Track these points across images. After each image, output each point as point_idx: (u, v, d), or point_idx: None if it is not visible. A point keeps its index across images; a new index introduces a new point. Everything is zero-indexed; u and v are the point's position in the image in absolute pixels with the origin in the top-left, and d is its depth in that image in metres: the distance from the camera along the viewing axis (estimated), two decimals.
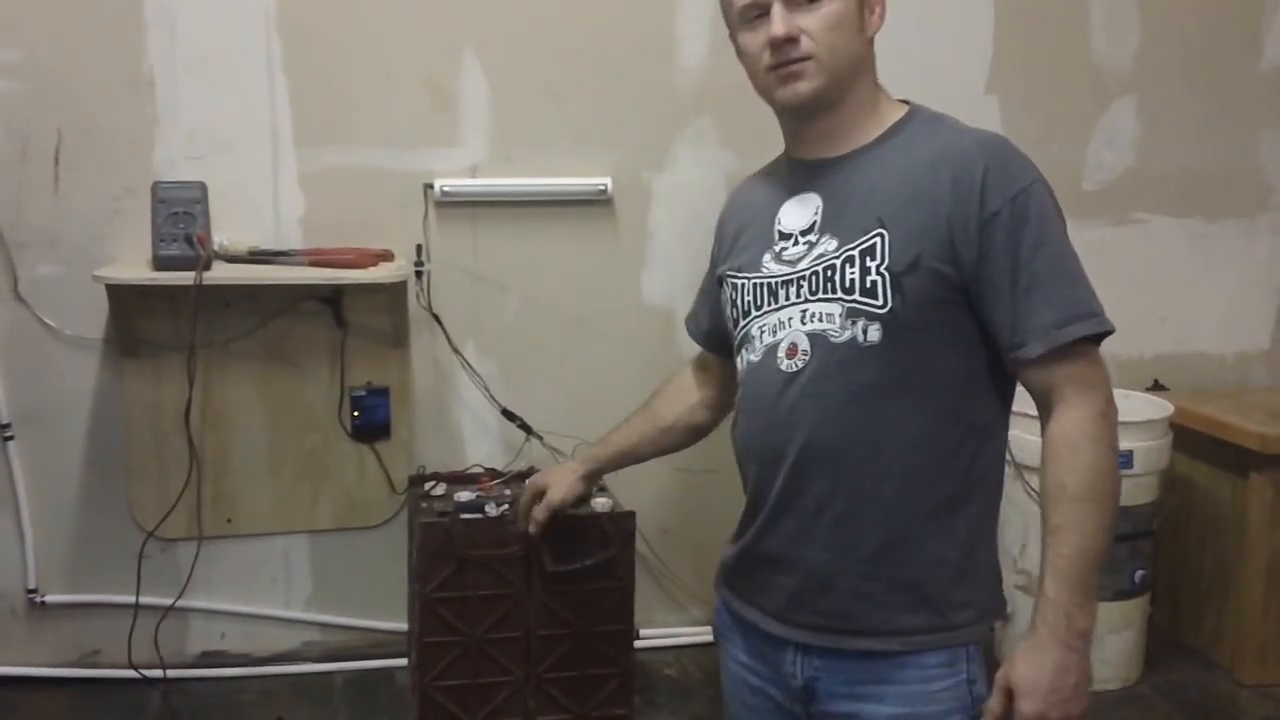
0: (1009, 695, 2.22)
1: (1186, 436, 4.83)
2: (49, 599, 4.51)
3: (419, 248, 4.53)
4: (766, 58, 2.37)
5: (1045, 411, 2.30)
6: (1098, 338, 2.28)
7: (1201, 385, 5.27)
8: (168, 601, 4.40)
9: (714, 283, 2.73)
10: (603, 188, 4.67)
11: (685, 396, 2.97)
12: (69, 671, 4.51)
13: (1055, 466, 2.24)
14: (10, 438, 4.40)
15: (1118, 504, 2.26)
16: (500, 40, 4.55)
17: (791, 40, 2.32)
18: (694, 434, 3.01)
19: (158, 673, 4.31)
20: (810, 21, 2.33)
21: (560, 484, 3.17)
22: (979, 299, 2.28)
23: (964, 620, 2.39)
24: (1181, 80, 5.14)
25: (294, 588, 4.71)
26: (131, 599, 4.34)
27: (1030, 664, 2.20)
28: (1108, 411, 2.26)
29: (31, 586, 4.49)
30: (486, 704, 4.14)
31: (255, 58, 4.39)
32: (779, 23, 2.33)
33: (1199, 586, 4.97)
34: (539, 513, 3.18)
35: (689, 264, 4.62)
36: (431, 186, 4.53)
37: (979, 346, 2.33)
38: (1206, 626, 4.94)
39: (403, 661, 4.58)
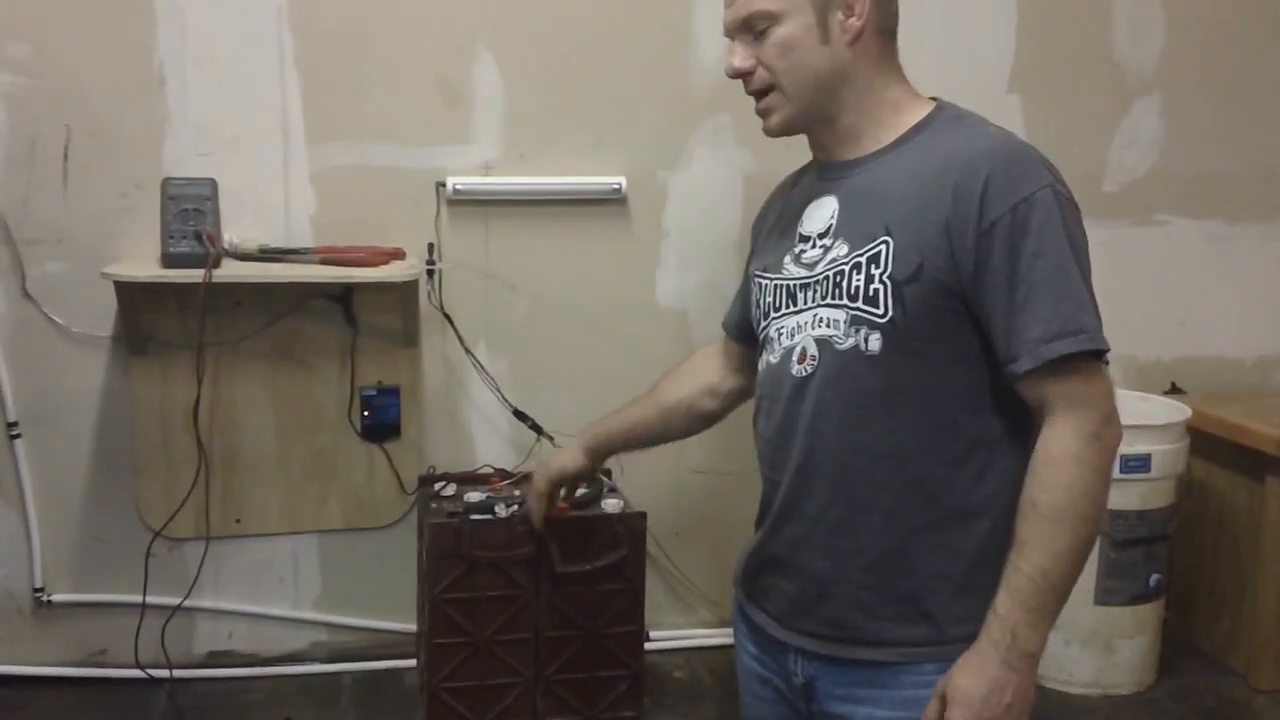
0: (944, 702, 2.17)
1: (1204, 440, 4.71)
2: (55, 598, 4.41)
3: (430, 246, 4.44)
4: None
5: (1039, 425, 2.21)
6: (1095, 355, 2.17)
7: (1219, 389, 5.14)
8: (175, 601, 4.32)
9: (746, 280, 2.69)
10: (617, 187, 4.56)
11: (692, 381, 2.90)
12: (75, 671, 4.42)
13: (1031, 482, 2.16)
14: (18, 436, 4.31)
15: (1094, 529, 2.16)
16: (514, 37, 4.45)
17: (745, 75, 2.36)
18: (697, 421, 2.92)
19: (165, 673, 4.24)
20: (764, 51, 2.34)
21: (561, 456, 3.14)
22: (978, 310, 2.19)
23: (962, 635, 2.26)
24: (1204, 81, 5.02)
25: (302, 588, 4.61)
26: (138, 598, 4.27)
27: (966, 675, 2.15)
28: (1100, 433, 2.15)
29: (38, 585, 4.40)
30: (495, 705, 4.09)
31: (266, 54, 4.29)
32: (732, 59, 2.37)
33: (1214, 591, 4.84)
34: (539, 482, 3.16)
35: (704, 264, 4.65)
36: (444, 184, 4.43)
37: (982, 358, 2.24)
38: (1221, 632, 4.81)
39: (412, 662, 4.52)
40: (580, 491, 4.10)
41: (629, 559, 4.08)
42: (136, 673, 4.28)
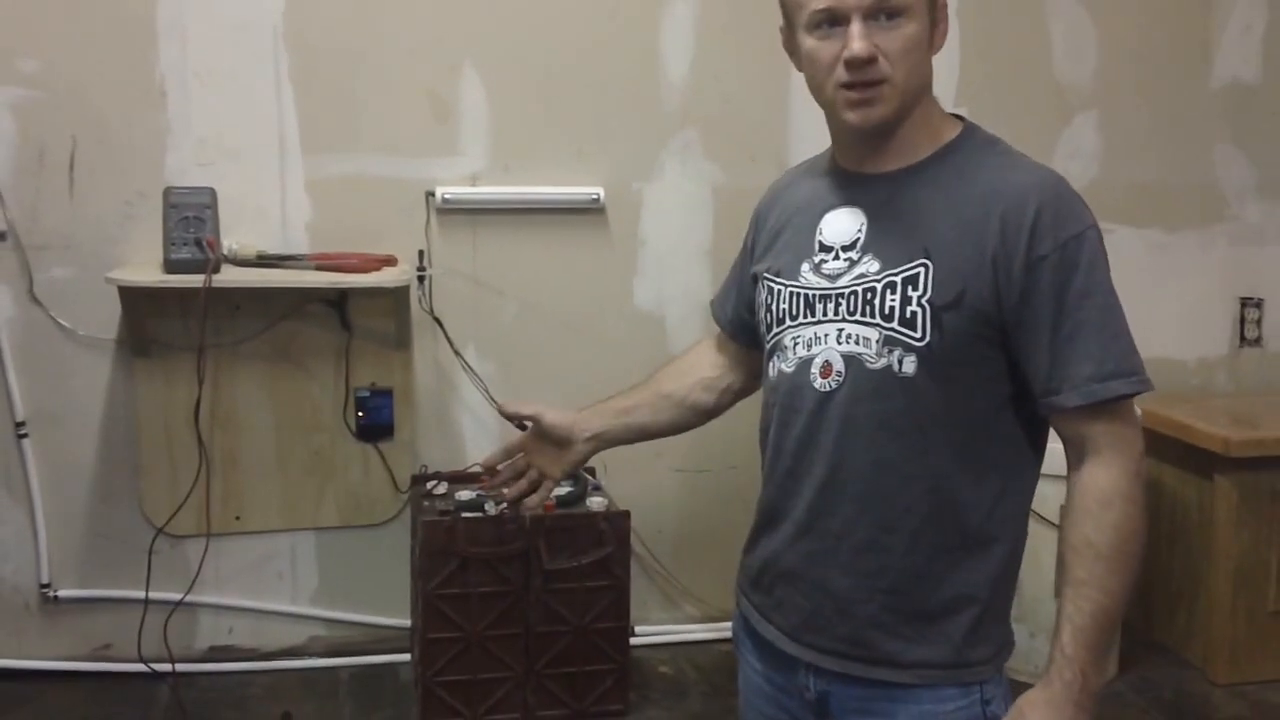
0: None
1: (1153, 440, 4.65)
2: (61, 594, 4.44)
3: (421, 253, 4.50)
4: (840, 73, 2.15)
5: (1076, 460, 2.16)
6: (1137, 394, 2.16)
7: (1165, 389, 5.12)
8: (177, 597, 4.33)
9: (746, 274, 2.57)
10: (596, 197, 4.64)
11: (690, 372, 2.75)
12: (81, 665, 4.45)
13: (1084, 521, 2.11)
14: (25, 435, 4.34)
15: (1140, 566, 2.13)
16: (498, 55, 4.53)
17: (871, 62, 2.11)
18: (691, 413, 2.74)
19: (167, 667, 4.23)
20: (889, 42, 2.11)
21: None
22: (1016, 339, 2.14)
23: (981, 657, 2.24)
24: (1139, 97, 5.14)
25: (300, 584, 4.64)
26: (142, 594, 4.27)
27: (1043, 718, 2.09)
28: (1140, 470, 2.13)
29: (44, 581, 4.42)
30: (487, 698, 4.13)
31: (264, 69, 4.36)
32: (860, 42, 2.10)
33: (1169, 587, 4.93)
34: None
35: (679, 272, 4.74)
36: (433, 194, 4.50)
37: (1006, 381, 2.19)
38: (1178, 626, 4.90)
39: (406, 657, 4.54)
40: (565, 490, 4.20)
41: (614, 556, 4.13)
42: (140, 667, 4.29)
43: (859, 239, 2.23)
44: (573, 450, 2.65)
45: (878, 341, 2.16)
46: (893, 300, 2.15)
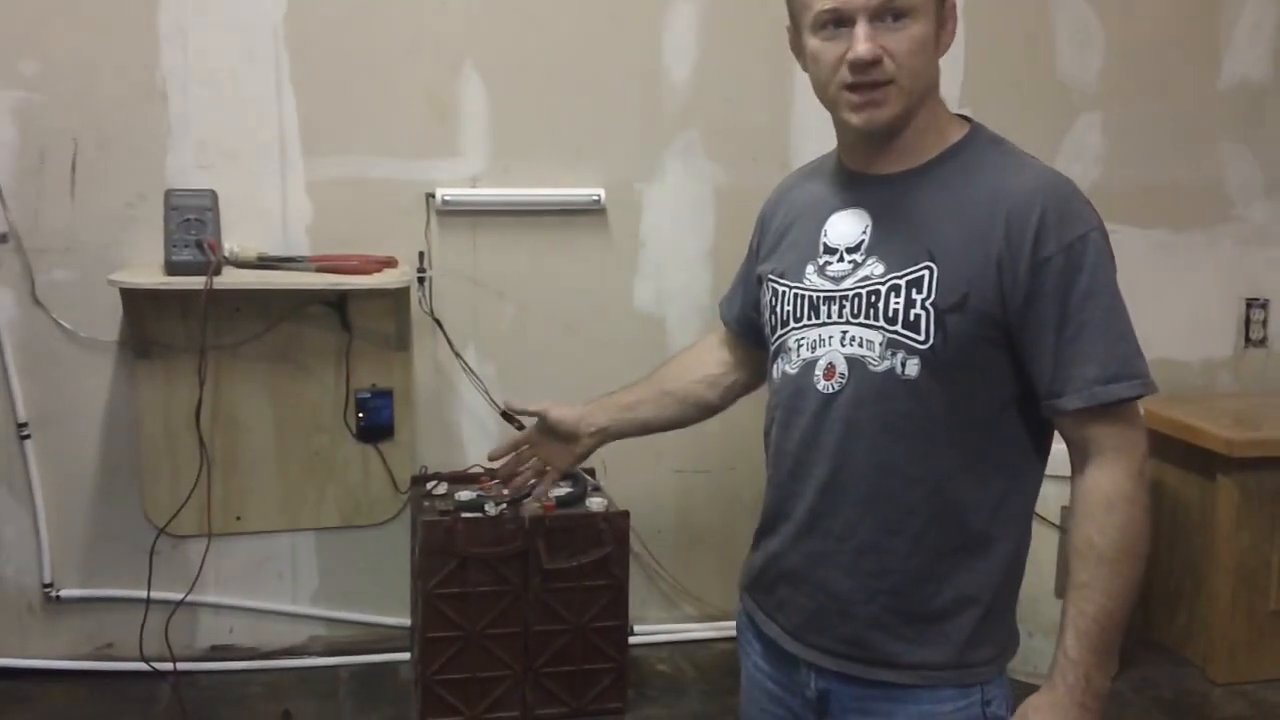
0: None
1: (1156, 440, 4.69)
2: (64, 593, 4.46)
3: (421, 255, 4.51)
4: (844, 74, 2.13)
5: (1080, 462, 2.16)
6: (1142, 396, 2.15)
7: (1168, 390, 5.13)
8: (178, 596, 4.35)
9: (751, 275, 2.57)
10: (596, 198, 4.65)
11: (693, 368, 2.78)
12: (82, 664, 4.47)
13: (1088, 523, 2.10)
14: (27, 437, 4.36)
15: (1144, 568, 2.13)
16: (499, 56, 4.53)
17: (875, 63, 2.10)
18: (694, 409, 2.77)
19: (168, 666, 4.25)
20: (894, 43, 2.09)
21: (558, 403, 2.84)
22: (1020, 341, 2.13)
23: (982, 659, 2.24)
24: (1144, 97, 5.12)
25: (300, 584, 4.66)
26: (143, 594, 4.30)
27: None
28: (1144, 472, 2.12)
29: (47, 581, 4.44)
30: (486, 697, 4.15)
31: (264, 71, 4.36)
32: (864, 44, 2.09)
33: (1170, 586, 4.93)
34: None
35: (679, 272, 4.75)
36: (433, 196, 4.51)
37: (1010, 383, 2.18)
38: (1178, 625, 4.90)
39: (406, 656, 4.56)
40: (564, 491, 4.21)
41: (613, 556, 4.15)
42: (141, 666, 4.31)
43: (864, 241, 2.23)
44: (578, 444, 2.73)
45: (881, 344, 2.15)
46: (896, 303, 2.15)
